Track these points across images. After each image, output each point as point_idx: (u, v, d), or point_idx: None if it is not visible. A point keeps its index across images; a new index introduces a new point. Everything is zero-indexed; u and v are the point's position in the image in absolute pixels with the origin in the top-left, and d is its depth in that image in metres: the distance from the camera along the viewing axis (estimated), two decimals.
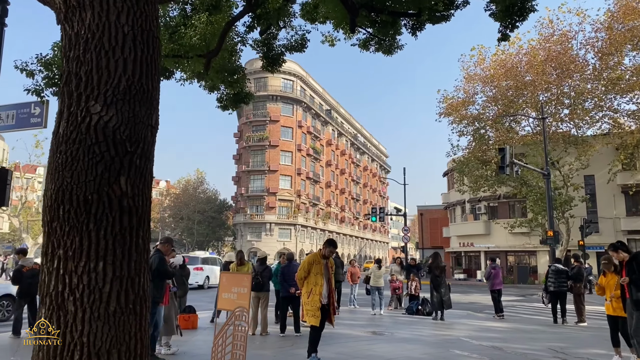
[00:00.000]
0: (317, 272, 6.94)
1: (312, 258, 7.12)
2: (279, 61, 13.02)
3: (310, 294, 6.89)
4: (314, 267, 6.99)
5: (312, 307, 6.85)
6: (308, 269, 7.00)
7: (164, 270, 7.31)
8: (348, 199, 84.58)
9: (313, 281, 6.92)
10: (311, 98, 70.56)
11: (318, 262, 7.05)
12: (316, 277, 6.92)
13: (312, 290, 6.89)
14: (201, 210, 72.33)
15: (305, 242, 66.48)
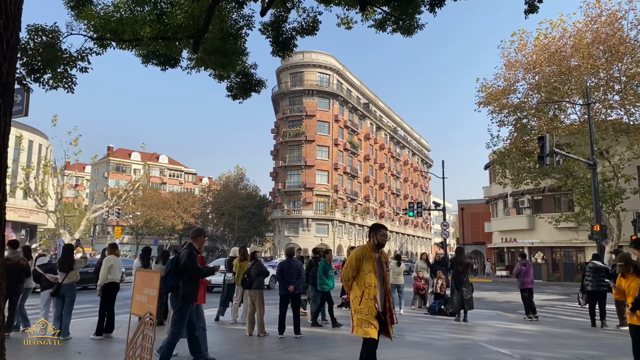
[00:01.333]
0: (368, 270, 5.33)
1: (360, 252, 5.46)
2: (289, 46, 12.25)
3: (361, 299, 5.27)
4: (365, 263, 5.36)
5: (367, 315, 5.22)
6: (357, 266, 5.39)
7: (192, 267, 6.59)
8: (388, 194, 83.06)
9: (364, 282, 5.30)
10: (348, 92, 69.54)
11: (369, 256, 5.41)
12: (368, 277, 5.31)
13: (364, 293, 5.27)
14: (241, 206, 72.92)
15: (343, 237, 65.70)
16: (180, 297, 6.59)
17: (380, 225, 5.66)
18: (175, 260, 6.69)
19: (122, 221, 75.40)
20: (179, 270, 6.60)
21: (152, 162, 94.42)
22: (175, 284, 6.55)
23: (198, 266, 6.76)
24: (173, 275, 6.58)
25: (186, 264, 6.58)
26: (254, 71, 13.19)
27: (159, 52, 11.55)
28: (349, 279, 5.44)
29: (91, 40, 8.96)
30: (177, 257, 6.73)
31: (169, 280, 6.56)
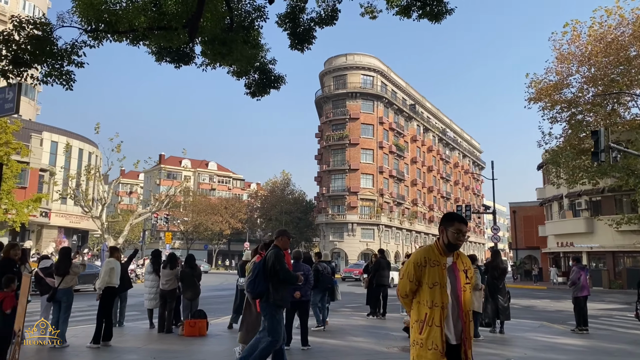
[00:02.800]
0: (434, 282, 3.58)
1: (422, 256, 3.68)
2: (308, 38, 11.59)
3: (424, 326, 3.55)
4: (429, 272, 3.59)
5: (430, 351, 3.50)
6: (417, 276, 3.63)
7: (282, 270, 6.14)
8: (437, 198, 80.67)
9: (428, 299, 3.56)
10: (393, 93, 68.11)
11: (436, 261, 3.63)
12: (434, 292, 3.56)
13: (427, 317, 3.55)
14: (288, 211, 72.98)
15: (390, 242, 64.18)
16: (272, 303, 6.12)
17: (454, 215, 3.73)
18: (262, 263, 6.22)
19: (173, 226, 77.21)
20: (267, 273, 6.13)
21: (201, 169, 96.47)
22: (264, 289, 6.11)
23: (287, 269, 6.25)
24: (261, 278, 6.11)
25: (274, 266, 6.09)
26: (272, 67, 12.58)
27: (169, 48, 11.19)
28: (407, 295, 3.70)
29: (85, 32, 8.58)
30: (264, 259, 6.27)
31: (257, 285, 6.13)
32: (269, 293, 6.12)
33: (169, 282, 10.24)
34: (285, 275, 6.15)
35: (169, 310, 10.32)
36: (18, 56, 7.77)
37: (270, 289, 6.12)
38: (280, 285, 6.17)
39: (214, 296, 21.51)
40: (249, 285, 6.20)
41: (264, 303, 6.18)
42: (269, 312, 6.14)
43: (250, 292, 6.22)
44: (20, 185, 32.25)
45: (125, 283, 11.10)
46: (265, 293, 6.12)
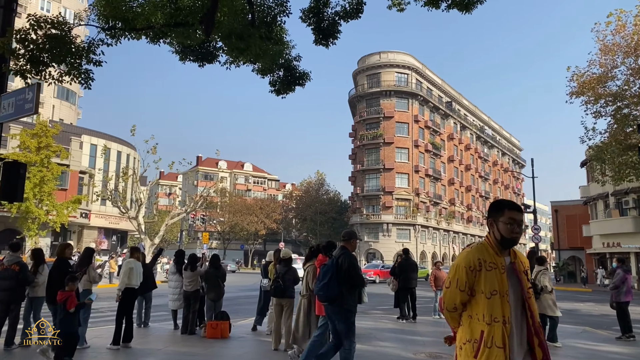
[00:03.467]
0: (492, 290, 2.80)
1: (475, 257, 2.89)
2: (333, 33, 11.29)
3: (480, 346, 2.77)
4: (485, 277, 2.83)
5: None
6: (470, 283, 2.87)
7: (356, 275, 5.97)
8: (475, 197, 78.75)
9: (486, 312, 2.79)
10: (428, 91, 66.88)
11: (492, 263, 2.86)
12: (493, 303, 2.79)
13: (484, 335, 2.77)
14: (322, 212, 72.81)
15: (426, 243, 63.04)
16: (345, 309, 5.97)
17: (503, 202, 3.01)
18: (334, 266, 5.98)
19: (210, 227, 78.30)
20: (340, 276, 5.90)
21: (237, 170, 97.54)
22: (337, 293, 5.88)
23: (361, 274, 6.13)
24: (335, 282, 5.90)
25: (349, 270, 5.90)
26: (297, 63, 12.33)
27: (193, 46, 11.08)
28: (455, 308, 2.91)
29: (102, 30, 8.51)
30: (336, 262, 6.02)
31: (330, 289, 5.90)
32: (343, 297, 5.91)
33: (191, 284, 10.08)
34: (359, 281, 6.01)
35: (192, 312, 10.16)
36: (35, 55, 7.73)
37: (343, 294, 5.92)
38: (352, 290, 6.02)
39: (239, 297, 21.35)
40: (321, 288, 5.95)
41: (336, 307, 5.98)
42: (342, 316, 5.96)
43: (322, 295, 5.97)
44: (60, 187, 33.19)
45: (150, 283, 11.03)
46: (338, 297, 5.90)
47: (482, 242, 3.01)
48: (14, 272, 7.80)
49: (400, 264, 13.65)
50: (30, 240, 29.73)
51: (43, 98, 45.06)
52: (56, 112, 46.33)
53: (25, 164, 9.21)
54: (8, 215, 29.67)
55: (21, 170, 9.04)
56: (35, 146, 29.51)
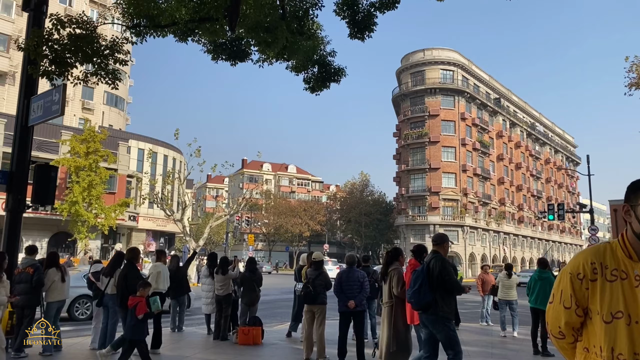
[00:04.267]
0: (614, 310, 1.84)
1: (586, 260, 2.00)
2: (368, 25, 10.75)
3: None
4: (602, 290, 1.90)
5: None
6: (578, 298, 1.96)
7: (450, 280, 5.64)
8: (527, 197, 75.68)
9: (604, 342, 1.85)
10: (475, 87, 64.83)
11: (619, 271, 1.91)
12: (616, 330, 1.83)
13: None
14: (367, 213, 72.03)
15: (475, 244, 61.05)
16: (441, 317, 5.64)
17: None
18: (425, 271, 5.66)
19: (256, 229, 79.08)
20: (432, 282, 5.60)
21: (281, 172, 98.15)
22: (430, 299, 5.59)
23: (456, 278, 5.81)
24: (427, 288, 5.59)
25: (442, 275, 5.57)
26: (332, 59, 11.89)
27: (224, 45, 10.83)
28: (561, 333, 2.03)
29: (127, 29, 8.33)
30: (427, 267, 5.70)
31: (423, 295, 5.59)
32: (437, 305, 5.57)
33: (223, 287, 9.77)
34: (454, 285, 5.65)
35: (224, 317, 9.84)
36: (60, 56, 7.59)
37: (438, 301, 5.57)
38: (448, 296, 5.68)
39: (277, 300, 20.93)
40: (412, 295, 5.63)
41: (431, 316, 5.65)
42: (439, 325, 5.63)
43: (415, 303, 5.66)
44: (109, 191, 34.09)
45: (183, 287, 10.82)
46: (432, 305, 5.56)
47: (609, 241, 2.15)
48: (29, 276, 7.64)
49: None
50: (80, 242, 30.64)
51: (93, 105, 46.70)
52: (106, 118, 47.84)
53: (56, 167, 9.17)
54: (60, 218, 30.69)
55: (52, 174, 9.00)
56: (84, 151, 30.41)
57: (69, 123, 42.40)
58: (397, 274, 6.67)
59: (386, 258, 7.31)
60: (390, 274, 6.86)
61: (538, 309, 8.70)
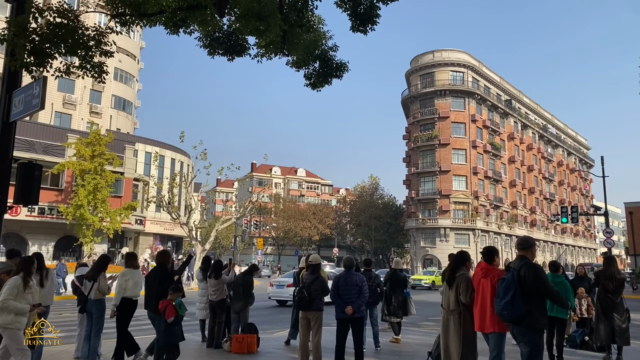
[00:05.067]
0: None
1: None
2: (371, 17, 10.26)
3: None
4: None
5: None
6: None
7: (546, 289, 5.24)
8: (539, 200, 74.45)
9: None
10: (486, 89, 63.96)
11: None
12: None
13: None
14: (377, 216, 71.34)
15: None
16: (537, 329, 5.24)
17: None
18: (516, 279, 5.21)
19: (265, 232, 78.67)
20: (525, 292, 5.17)
21: (290, 176, 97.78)
22: (524, 311, 5.12)
23: (552, 286, 5.43)
24: (519, 299, 5.12)
25: (535, 284, 5.14)
26: (334, 54, 11.40)
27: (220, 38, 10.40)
28: None
29: (112, 18, 7.89)
30: (517, 275, 5.22)
31: (517, 307, 5.10)
32: (533, 316, 5.13)
33: (216, 292, 9.26)
34: (553, 296, 5.30)
35: (217, 323, 9.33)
36: (38, 46, 7.16)
37: (533, 312, 5.14)
38: (540, 306, 5.28)
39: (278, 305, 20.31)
40: (505, 307, 5.10)
41: (524, 328, 5.19)
42: (531, 337, 5.19)
43: (507, 315, 5.15)
44: (115, 194, 33.83)
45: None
46: (525, 316, 5.11)
47: None
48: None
49: (445, 272, 12.23)
50: (85, 246, 30.35)
51: (101, 109, 46.65)
52: (114, 121, 47.75)
53: (40, 165, 8.71)
54: (65, 222, 30.46)
55: (36, 172, 8.57)
56: (90, 154, 30.17)
57: (77, 127, 42.34)
58: (466, 280, 6.17)
59: (452, 262, 6.71)
60: (457, 280, 6.32)
61: (553, 317, 8.00)
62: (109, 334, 8.88)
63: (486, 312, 5.56)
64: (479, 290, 5.72)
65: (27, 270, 6.22)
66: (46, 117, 42.14)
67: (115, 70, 48.53)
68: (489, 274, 5.72)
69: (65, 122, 43.48)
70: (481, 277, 5.75)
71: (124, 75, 49.96)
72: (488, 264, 5.94)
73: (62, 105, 43.89)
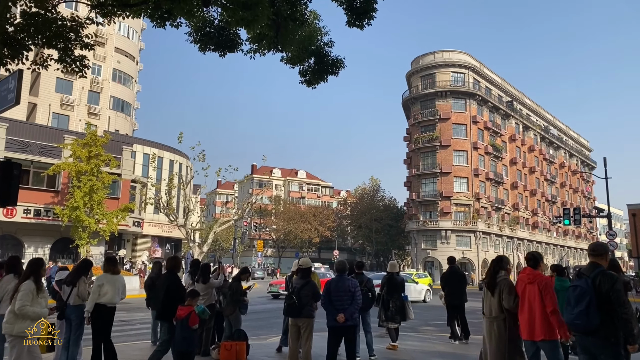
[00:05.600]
0: None
1: None
2: (368, 11, 9.87)
3: None
4: None
5: None
6: None
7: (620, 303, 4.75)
8: (541, 202, 73.88)
9: None
10: (487, 90, 63.52)
11: None
12: None
13: None
14: (378, 218, 70.90)
15: (489, 250, 59.48)
16: (613, 342, 4.72)
17: None
18: (590, 286, 4.82)
19: (265, 234, 78.26)
20: (601, 301, 4.76)
21: (291, 178, 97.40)
22: (598, 322, 4.71)
23: (626, 298, 4.92)
24: (594, 309, 4.73)
25: (611, 295, 4.69)
26: (329, 50, 11.02)
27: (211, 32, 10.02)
28: None
29: (92, 8, 7.50)
30: (589, 282, 4.84)
31: (592, 317, 4.70)
32: (607, 328, 4.71)
33: (204, 297, 8.80)
34: (625, 313, 4.71)
35: (206, 329, 8.90)
36: (12, 37, 6.78)
37: (607, 323, 4.72)
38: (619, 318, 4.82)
39: (274, 309, 19.78)
40: (578, 317, 4.72)
41: (600, 340, 4.76)
42: (610, 351, 4.74)
43: (580, 325, 4.76)
44: (112, 196, 33.46)
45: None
46: (599, 327, 4.71)
47: None
48: None
49: (444, 276, 11.79)
50: (82, 248, 29.96)
51: (99, 110, 46.32)
52: (112, 123, 47.41)
53: (19, 164, 8.32)
54: (60, 224, 30.10)
55: (15, 171, 8.20)
56: (86, 155, 29.81)
57: (75, 128, 42.02)
58: (508, 285, 5.87)
59: (492, 266, 6.34)
60: (499, 285, 5.96)
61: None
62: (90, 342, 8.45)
63: (535, 319, 5.38)
64: (525, 296, 5.53)
65: (38, 273, 6.02)
66: (44, 118, 41.84)
67: (113, 71, 48.26)
68: (535, 279, 5.54)
69: (63, 124, 43.17)
70: (527, 283, 5.59)
71: (122, 76, 49.64)
72: (533, 270, 5.78)
73: (59, 106, 43.56)
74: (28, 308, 5.61)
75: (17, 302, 5.63)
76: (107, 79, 47.34)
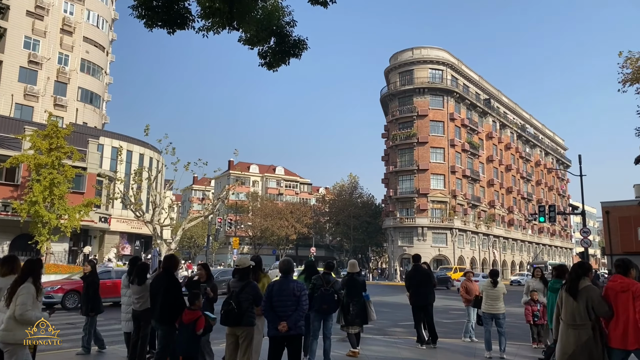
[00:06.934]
0: None
1: None
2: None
3: None
4: None
5: None
6: None
7: None
8: (517, 199, 74.32)
9: None
10: (465, 87, 63.41)
11: None
12: None
13: None
14: (356, 215, 70.31)
15: (464, 247, 59.49)
16: None
17: None
18: None
19: (241, 232, 77.00)
20: None
21: (269, 174, 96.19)
22: None
23: None
24: None
25: None
26: (291, 29, 10.13)
27: (157, 7, 9.07)
28: None
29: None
30: None
31: None
32: None
33: (139, 301, 7.91)
34: None
35: (141, 337, 7.97)
36: None
37: None
38: None
39: None
40: None
41: None
42: None
43: None
44: (76, 190, 32.02)
45: (95, 305, 9.13)
46: None
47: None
48: None
49: (407, 275, 10.99)
50: (41, 245, 28.53)
51: (66, 101, 44.55)
52: (80, 115, 45.65)
53: None
54: (19, 219, 28.61)
55: None
56: (47, 147, 28.35)
57: (40, 119, 40.27)
58: (599, 293, 5.54)
59: (575, 272, 5.79)
60: (587, 292, 5.51)
61: None
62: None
63: (629, 328, 5.22)
64: (618, 304, 5.36)
65: (37, 274, 5.49)
66: (6, 109, 40.00)
67: (82, 61, 46.50)
68: (629, 287, 5.32)
69: (26, 115, 41.38)
70: (618, 291, 5.39)
71: (91, 67, 47.88)
72: (624, 277, 5.52)
73: (23, 96, 41.71)
74: (30, 313, 5.13)
75: (18, 307, 5.07)
76: (75, 70, 45.56)
